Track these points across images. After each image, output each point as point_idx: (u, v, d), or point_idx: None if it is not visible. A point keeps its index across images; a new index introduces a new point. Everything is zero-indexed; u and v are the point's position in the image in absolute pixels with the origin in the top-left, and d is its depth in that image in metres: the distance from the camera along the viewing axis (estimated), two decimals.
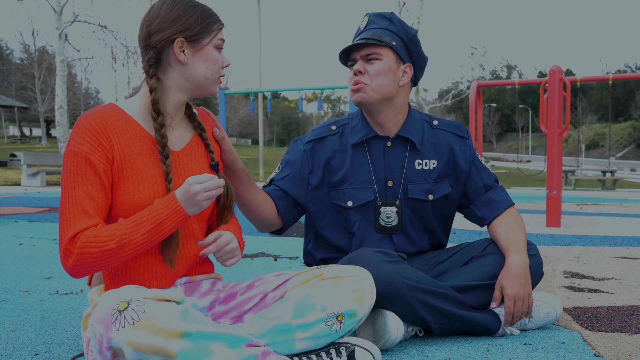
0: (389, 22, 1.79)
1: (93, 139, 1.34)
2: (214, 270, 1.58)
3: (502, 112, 64.44)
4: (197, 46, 1.41)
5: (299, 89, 10.68)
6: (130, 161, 1.37)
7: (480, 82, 7.04)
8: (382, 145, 1.82)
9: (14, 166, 19.49)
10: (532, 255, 1.79)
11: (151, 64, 1.40)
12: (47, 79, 38.59)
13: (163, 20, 1.38)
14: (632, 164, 44.77)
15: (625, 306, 2.13)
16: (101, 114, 1.37)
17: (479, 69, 40.09)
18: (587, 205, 8.38)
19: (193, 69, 1.41)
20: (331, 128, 1.86)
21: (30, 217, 5.70)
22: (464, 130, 1.91)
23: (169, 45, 1.39)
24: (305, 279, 1.46)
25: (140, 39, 1.42)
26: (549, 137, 5.28)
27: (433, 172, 1.84)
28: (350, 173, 1.81)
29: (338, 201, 1.81)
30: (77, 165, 1.33)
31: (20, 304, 2.17)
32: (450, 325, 1.67)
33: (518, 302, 1.69)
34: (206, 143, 1.50)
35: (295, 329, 1.37)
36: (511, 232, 1.79)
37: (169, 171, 1.38)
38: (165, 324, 1.16)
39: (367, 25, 1.80)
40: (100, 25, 19.93)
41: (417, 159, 1.83)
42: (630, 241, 4.17)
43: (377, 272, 1.58)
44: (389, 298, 1.59)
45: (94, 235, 1.29)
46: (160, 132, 1.38)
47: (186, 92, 1.44)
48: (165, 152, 1.38)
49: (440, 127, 1.88)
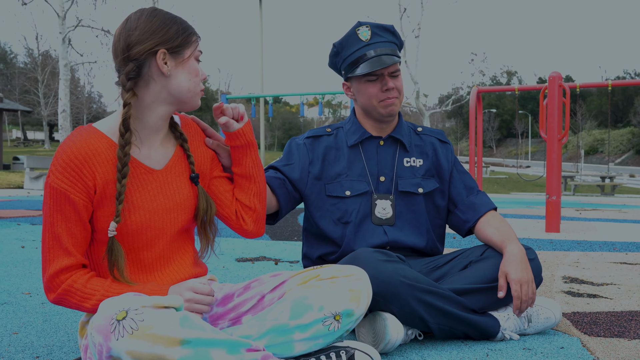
0: (394, 36, 1.92)
1: (72, 174, 1.32)
2: (207, 272, 1.60)
3: (502, 118, 64.46)
4: (180, 58, 1.38)
5: (301, 94, 10.70)
6: (112, 188, 1.36)
7: (480, 88, 7.06)
8: (375, 144, 1.95)
9: (17, 169, 19.52)
10: (531, 259, 1.80)
11: (130, 77, 1.34)
12: (50, 83, 38.66)
13: (143, 32, 1.35)
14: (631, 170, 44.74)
15: (624, 311, 2.14)
16: (81, 143, 1.34)
17: (479, 74, 40.21)
18: (586, 211, 8.38)
19: (176, 81, 1.38)
20: (326, 130, 1.99)
21: (32, 220, 5.71)
22: (446, 137, 2.07)
23: (151, 57, 1.35)
24: (302, 279, 1.47)
25: (118, 52, 1.36)
26: (549, 143, 5.29)
27: (420, 169, 1.96)
28: (347, 167, 1.92)
29: (335, 192, 1.90)
30: (56, 201, 1.33)
31: (22, 307, 2.18)
32: (449, 326, 1.68)
33: (524, 286, 1.71)
34: (187, 154, 1.48)
35: (294, 329, 1.38)
36: (501, 229, 1.86)
37: (122, 191, 1.35)
38: (165, 332, 1.16)
39: (372, 37, 1.87)
40: (104, 30, 19.97)
41: (405, 158, 1.96)
42: (629, 247, 4.17)
43: (375, 271, 1.60)
44: (388, 297, 1.61)
45: (81, 287, 1.34)
46: (124, 149, 1.34)
47: (169, 105, 1.41)
48: (123, 171, 1.35)
49: (424, 132, 2.04)
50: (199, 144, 1.54)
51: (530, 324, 1.80)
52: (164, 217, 1.44)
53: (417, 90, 23.72)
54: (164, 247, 1.46)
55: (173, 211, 1.45)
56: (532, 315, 1.81)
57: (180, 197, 1.46)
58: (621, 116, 58.58)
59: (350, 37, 1.89)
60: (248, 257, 3.55)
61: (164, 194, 1.43)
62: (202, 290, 1.36)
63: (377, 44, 1.87)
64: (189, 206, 1.48)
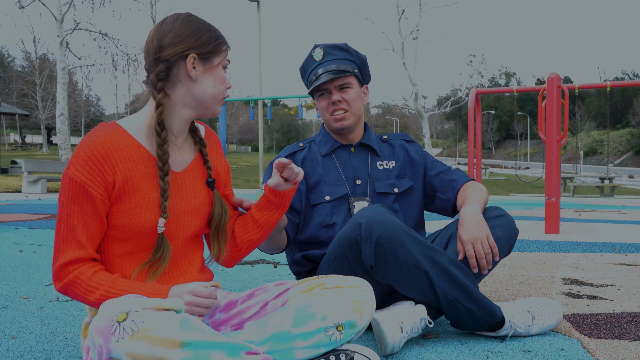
0: (346, 52, 2.01)
1: (93, 167, 1.33)
2: (212, 278, 1.59)
3: (501, 119, 64.56)
4: (208, 64, 1.42)
5: (299, 97, 10.71)
6: (132, 185, 1.37)
7: (479, 90, 7.06)
8: (347, 151, 2.07)
9: (15, 173, 19.50)
10: (500, 215, 1.86)
11: (160, 77, 1.38)
12: (48, 86, 38.66)
13: (177, 35, 1.38)
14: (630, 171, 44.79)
15: (625, 313, 2.13)
16: (104, 138, 1.35)
17: (477, 76, 40.20)
18: (585, 212, 8.39)
19: (202, 86, 1.41)
20: (299, 145, 2.09)
21: (30, 224, 5.70)
22: (411, 138, 2.18)
23: (181, 60, 1.39)
24: (307, 288, 1.47)
25: (150, 52, 1.40)
26: (548, 144, 5.29)
27: (394, 170, 2.06)
28: (324, 175, 2.01)
29: (317, 200, 1.98)
30: (74, 194, 1.34)
31: (21, 311, 2.17)
32: (454, 297, 1.68)
33: (477, 244, 1.73)
34: (205, 159, 1.51)
35: (295, 337, 1.37)
36: (467, 194, 1.94)
37: (166, 189, 1.38)
38: (165, 334, 1.16)
39: (324, 57, 1.99)
40: (101, 33, 19.97)
41: (378, 161, 2.06)
42: (629, 248, 4.17)
43: (381, 217, 1.67)
44: (393, 243, 1.65)
45: (86, 279, 1.34)
46: (162, 147, 1.38)
47: (192, 109, 1.43)
48: (165, 169, 1.38)
49: (390, 138, 2.15)
50: (217, 155, 1.57)
51: (534, 320, 1.80)
52: (179, 219, 1.45)
53: (416, 92, 23.73)
54: (174, 249, 1.46)
55: (188, 214, 1.46)
56: (535, 311, 1.81)
57: (196, 201, 1.48)
58: (620, 117, 58.67)
59: (308, 59, 2.02)
60: (247, 261, 3.54)
61: (180, 196, 1.45)
62: (202, 293, 1.36)
63: (327, 62, 1.98)
64: (203, 212, 1.49)
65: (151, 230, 1.39)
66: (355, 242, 1.70)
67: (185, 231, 1.47)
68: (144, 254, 1.42)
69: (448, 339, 1.79)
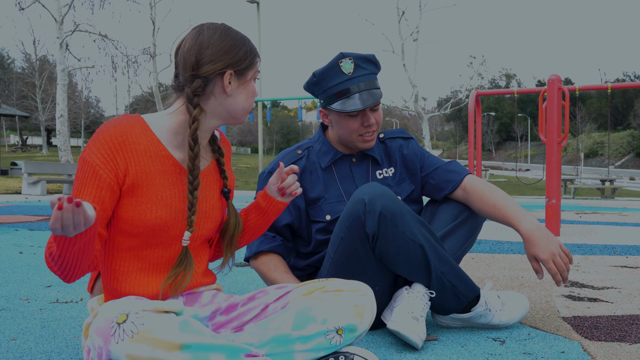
0: (375, 66, 1.92)
1: (108, 152, 1.33)
2: (215, 281, 1.59)
3: (501, 121, 64.60)
4: (243, 79, 1.42)
5: (299, 98, 10.72)
6: (146, 179, 1.36)
7: (479, 91, 7.06)
8: (348, 162, 2.00)
9: (15, 175, 19.51)
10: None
11: (197, 93, 1.39)
12: (48, 88, 38.70)
13: (216, 51, 1.37)
14: (631, 173, 44.80)
15: (625, 315, 2.13)
16: (124, 127, 1.35)
17: (477, 78, 40.30)
18: (586, 214, 8.38)
19: (234, 100, 1.42)
20: (297, 152, 1.98)
21: (30, 226, 5.70)
22: (407, 133, 2.11)
23: (218, 77, 1.39)
24: (308, 290, 1.46)
25: (187, 67, 1.38)
26: (548, 146, 5.29)
27: (393, 177, 2.02)
28: (324, 190, 1.94)
29: (317, 217, 1.93)
30: (84, 174, 1.34)
31: (20, 313, 2.17)
32: (442, 272, 1.74)
33: (556, 259, 1.73)
34: (221, 169, 1.52)
35: (295, 340, 1.37)
36: (499, 204, 1.85)
37: (194, 203, 1.39)
38: (164, 336, 1.15)
39: (356, 70, 1.86)
40: (101, 35, 20.00)
41: (377, 170, 2.01)
42: (630, 250, 4.17)
43: (384, 191, 1.70)
44: (395, 215, 1.68)
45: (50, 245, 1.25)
46: (194, 162, 1.38)
47: (220, 119, 1.44)
48: (195, 183, 1.38)
49: (387, 137, 2.07)
50: (227, 163, 1.58)
51: (504, 306, 1.90)
52: None
53: (416, 93, 23.74)
54: (180, 250, 1.45)
55: (198, 216, 1.46)
56: (505, 300, 1.93)
57: (208, 205, 1.48)
58: (621, 119, 58.71)
59: (333, 69, 1.86)
60: (246, 263, 3.53)
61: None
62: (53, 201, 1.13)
63: (360, 78, 1.86)
64: (214, 216, 1.49)
65: (160, 227, 1.38)
66: (358, 217, 1.70)
67: (194, 233, 1.47)
68: (148, 251, 1.41)
69: (448, 342, 1.79)
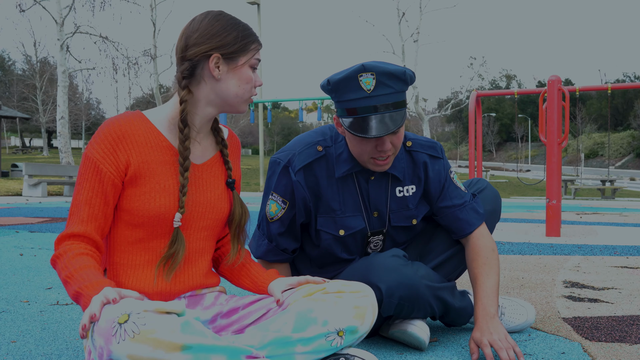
0: (403, 83, 1.60)
1: (108, 146, 1.37)
2: (219, 283, 1.59)
3: (502, 122, 64.56)
4: (233, 64, 1.42)
5: (299, 99, 10.73)
6: (148, 170, 1.39)
7: (480, 92, 7.06)
8: (366, 177, 1.75)
9: (16, 176, 19.51)
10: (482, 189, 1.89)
11: (184, 75, 1.41)
12: (48, 89, 38.72)
13: (202, 34, 1.39)
14: (632, 173, 44.77)
15: (626, 316, 2.13)
16: (123, 121, 1.39)
17: (478, 78, 40.29)
18: (586, 215, 8.38)
19: (225, 85, 1.42)
20: (317, 149, 1.73)
21: (31, 228, 5.70)
22: (439, 150, 1.82)
23: (205, 60, 1.40)
24: (308, 292, 1.46)
25: (178, 50, 1.43)
26: (548, 147, 5.29)
27: (413, 197, 1.80)
28: (341, 201, 1.74)
29: (327, 229, 1.75)
30: (87, 170, 1.38)
31: (21, 315, 2.17)
32: (444, 313, 1.79)
33: (496, 343, 1.57)
34: (225, 160, 1.53)
35: (296, 342, 1.36)
36: (479, 279, 1.72)
37: (185, 184, 1.41)
38: (166, 337, 1.15)
39: (377, 88, 1.56)
40: (102, 37, 20.01)
41: (398, 187, 1.78)
42: (630, 250, 4.16)
43: (400, 276, 1.63)
44: (413, 301, 1.66)
45: (67, 257, 1.32)
46: (184, 143, 1.40)
47: (215, 107, 1.45)
48: (185, 164, 1.41)
49: (414, 148, 1.79)
50: (235, 158, 1.59)
51: (504, 316, 1.89)
52: (193, 210, 1.46)
53: (416, 94, 23.75)
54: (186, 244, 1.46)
55: (202, 206, 1.47)
56: (505, 308, 1.90)
57: (212, 195, 1.49)
58: (621, 119, 58.68)
59: (351, 82, 1.57)
60: None
61: (196, 187, 1.47)
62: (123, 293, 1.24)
63: (381, 97, 1.56)
64: (218, 207, 1.50)
65: (164, 216, 1.40)
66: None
67: (198, 223, 1.48)
68: (156, 242, 1.42)
69: (448, 343, 1.78)
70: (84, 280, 1.28)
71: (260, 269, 1.61)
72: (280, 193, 1.74)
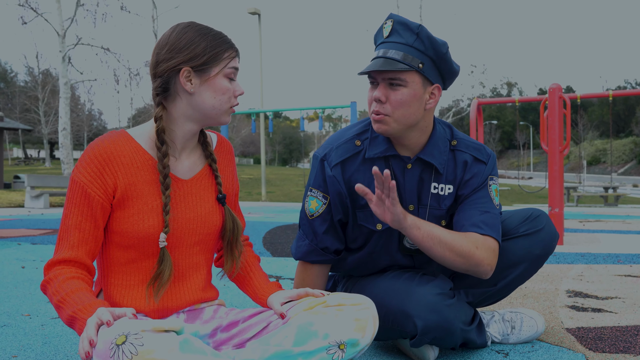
0: (416, 38, 1.56)
1: (95, 170, 1.36)
2: (218, 296, 1.58)
3: (503, 130, 64.58)
4: (205, 76, 1.39)
5: (301, 109, 10.75)
6: (135, 191, 1.38)
7: (481, 100, 7.07)
8: (402, 166, 1.67)
9: (18, 188, 19.54)
10: (538, 230, 1.76)
11: (158, 92, 1.39)
12: (50, 101, 38.88)
13: (170, 49, 1.37)
14: (634, 180, 44.68)
15: (630, 326, 2.11)
16: (108, 143, 1.38)
17: (479, 86, 40.29)
18: (589, 222, 8.35)
19: (200, 98, 1.40)
20: (355, 144, 1.68)
21: (33, 240, 5.69)
22: (485, 154, 1.72)
23: (176, 75, 1.38)
24: (309, 305, 1.45)
25: (150, 67, 1.42)
26: (550, 155, 5.28)
27: (447, 198, 1.70)
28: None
29: (366, 223, 1.70)
30: (74, 195, 1.37)
31: (22, 329, 2.16)
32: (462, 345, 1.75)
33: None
34: (215, 174, 1.51)
35: (297, 356, 1.35)
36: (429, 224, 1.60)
37: (167, 202, 1.39)
38: (164, 357, 1.14)
39: (391, 34, 1.58)
40: (103, 48, 20.12)
41: (434, 182, 1.68)
42: (634, 258, 4.14)
43: (441, 320, 1.57)
44: (443, 339, 1.61)
45: (58, 282, 1.31)
46: (162, 161, 1.38)
47: (195, 121, 1.43)
48: (165, 182, 1.39)
49: (459, 148, 1.71)
50: (227, 164, 1.57)
51: (514, 330, 1.85)
52: (183, 226, 1.45)
53: None
54: (178, 260, 1.46)
55: (193, 222, 1.46)
56: (515, 322, 1.87)
57: (203, 209, 1.48)
58: (623, 126, 58.65)
59: (378, 31, 1.64)
60: None
61: (186, 203, 1.45)
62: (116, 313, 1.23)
63: (390, 44, 1.57)
64: (210, 221, 1.49)
65: (154, 237, 1.39)
66: (404, 329, 1.61)
67: (189, 239, 1.46)
68: (147, 262, 1.42)
69: (451, 354, 1.77)
70: (76, 303, 1.27)
71: (263, 280, 1.60)
72: (320, 188, 1.71)
